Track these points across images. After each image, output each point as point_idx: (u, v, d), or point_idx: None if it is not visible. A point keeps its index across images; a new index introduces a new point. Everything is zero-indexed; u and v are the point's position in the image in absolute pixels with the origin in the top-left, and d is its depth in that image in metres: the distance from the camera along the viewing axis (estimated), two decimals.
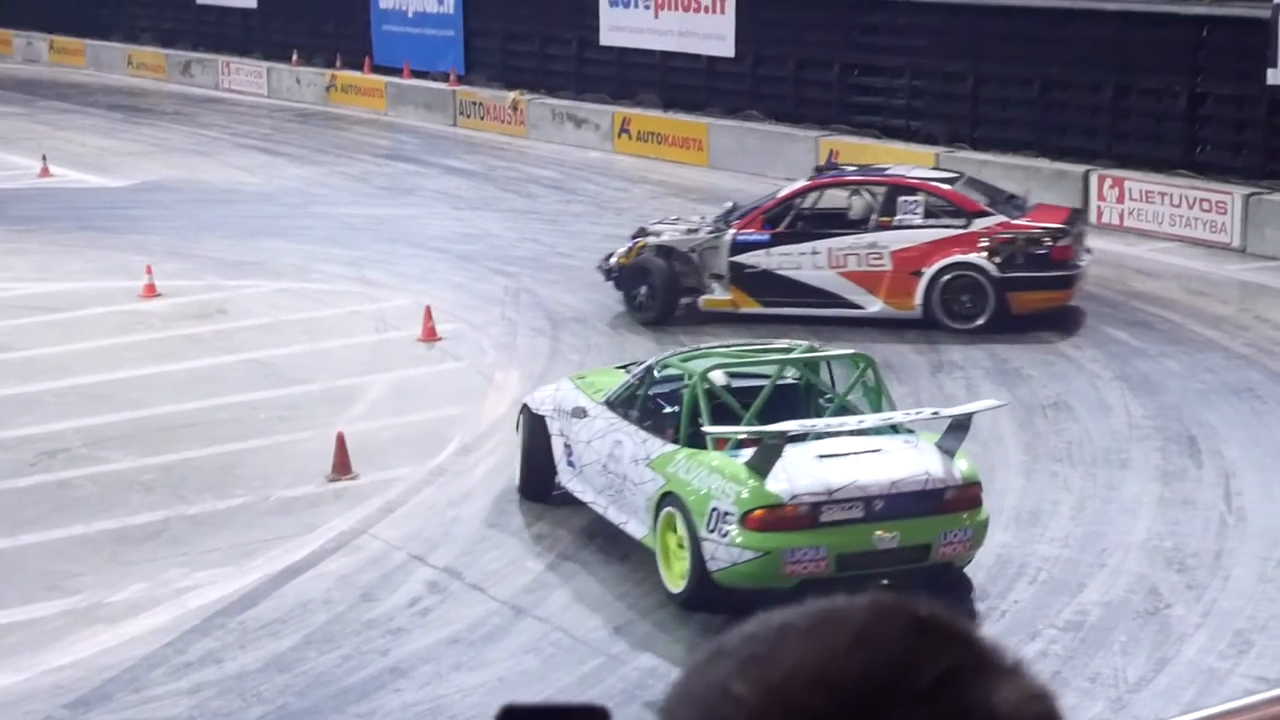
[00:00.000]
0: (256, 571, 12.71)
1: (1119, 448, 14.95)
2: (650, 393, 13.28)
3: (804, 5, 29.02)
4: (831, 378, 13.21)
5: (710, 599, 11.75)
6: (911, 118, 27.48)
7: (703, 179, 26.63)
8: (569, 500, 13.69)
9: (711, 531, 11.65)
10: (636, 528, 12.59)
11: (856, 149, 26.96)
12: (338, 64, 38.34)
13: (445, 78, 35.41)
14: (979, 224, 18.69)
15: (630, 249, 19.34)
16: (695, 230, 19.56)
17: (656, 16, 30.91)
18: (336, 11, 38.81)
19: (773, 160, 27.71)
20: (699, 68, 30.63)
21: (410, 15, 36.62)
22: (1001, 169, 25.06)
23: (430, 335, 18.76)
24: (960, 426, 12.28)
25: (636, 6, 31.29)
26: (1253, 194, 22.41)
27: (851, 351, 13.62)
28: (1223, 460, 14.62)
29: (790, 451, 11.76)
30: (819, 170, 21.34)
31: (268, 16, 40.89)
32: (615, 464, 12.85)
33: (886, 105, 27.98)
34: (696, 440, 12.27)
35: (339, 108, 36.79)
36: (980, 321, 18.45)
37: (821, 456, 11.89)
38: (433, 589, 12.36)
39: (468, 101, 34.15)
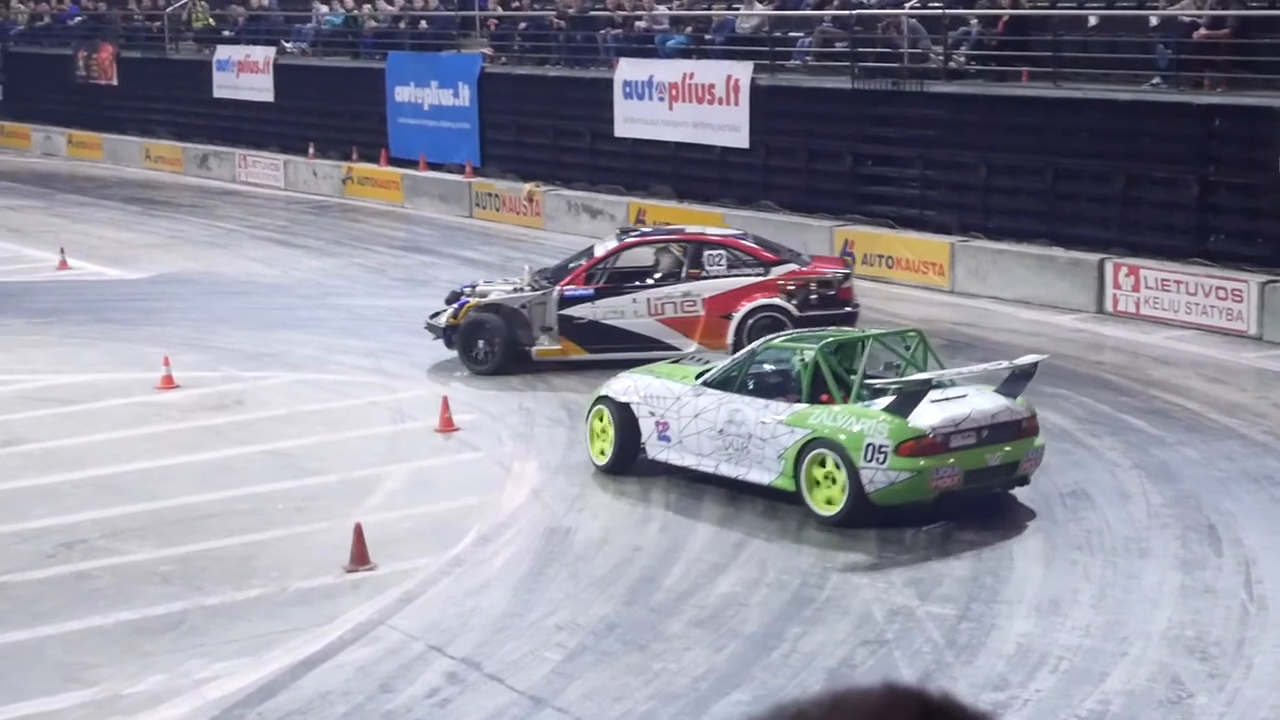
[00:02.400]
0: (275, 662, 12.68)
1: (1138, 536, 14.91)
2: (757, 370, 16.45)
3: (816, 97, 29.19)
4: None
5: (864, 516, 15.03)
6: (924, 208, 27.57)
7: None
8: (590, 587, 13.71)
9: (869, 462, 14.86)
10: (761, 475, 15.73)
11: (870, 239, 27.07)
12: (354, 156, 38.58)
13: (461, 170, 35.61)
14: (776, 272, 21.30)
15: (459, 310, 21.22)
16: (519, 289, 21.50)
17: (671, 108, 31.08)
18: (353, 105, 39.11)
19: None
20: (712, 159, 30.78)
21: (426, 108, 36.87)
22: (1015, 257, 25.15)
23: (448, 426, 18.77)
24: (1023, 376, 15.83)
25: (650, 98, 31.48)
26: (1269, 281, 22.43)
27: (906, 328, 17.49)
28: (1243, 548, 14.56)
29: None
30: (624, 232, 23.16)
31: (284, 110, 41.22)
32: (737, 427, 15.91)
33: (899, 195, 28.08)
34: (815, 401, 15.64)
35: (355, 200, 37.00)
36: None
37: (934, 401, 15.23)
38: (451, 680, 12.32)
39: (483, 193, 34.33)
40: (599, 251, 21.84)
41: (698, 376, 16.81)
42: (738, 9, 32.19)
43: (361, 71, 39.25)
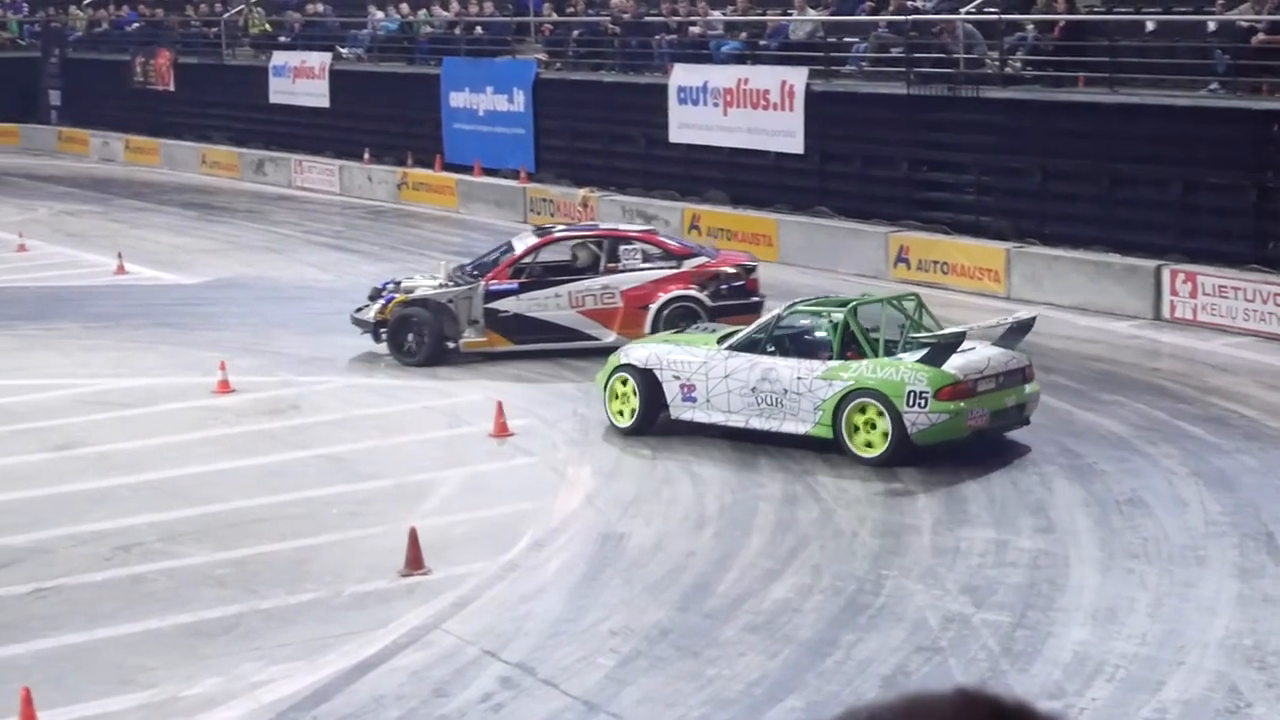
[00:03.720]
0: (329, 666, 12.71)
1: (1196, 544, 14.81)
2: (784, 334, 18.11)
3: (871, 103, 29.12)
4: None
5: (906, 456, 16.99)
6: (980, 213, 27.47)
7: (773, 275, 26.55)
8: (644, 593, 13.72)
9: (911, 406, 16.85)
10: (795, 426, 17.56)
11: (925, 244, 26.98)
12: (409, 162, 38.68)
13: (515, 175, 35.65)
14: (688, 264, 22.53)
15: (385, 305, 22.22)
16: (442, 285, 22.42)
17: (725, 114, 31.05)
18: (408, 110, 39.22)
19: (841, 256, 27.76)
20: (767, 164, 30.73)
21: (481, 114, 36.94)
22: (1071, 264, 25.03)
23: (502, 431, 18.80)
24: (1021, 329, 18.02)
25: (705, 104, 31.45)
26: None
27: (907, 291, 19.60)
28: None
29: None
30: (541, 230, 24.23)
31: (340, 116, 41.35)
32: (771, 385, 17.67)
33: (954, 201, 27.99)
34: (843, 358, 17.47)
35: (410, 205, 37.09)
36: None
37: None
38: (505, 684, 12.33)
39: (538, 198, 34.37)
40: (519, 248, 22.83)
41: (719, 342, 18.47)
42: (792, 14, 32.14)
43: (417, 77, 39.34)
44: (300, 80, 42.72)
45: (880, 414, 17.04)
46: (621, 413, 18.70)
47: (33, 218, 37.22)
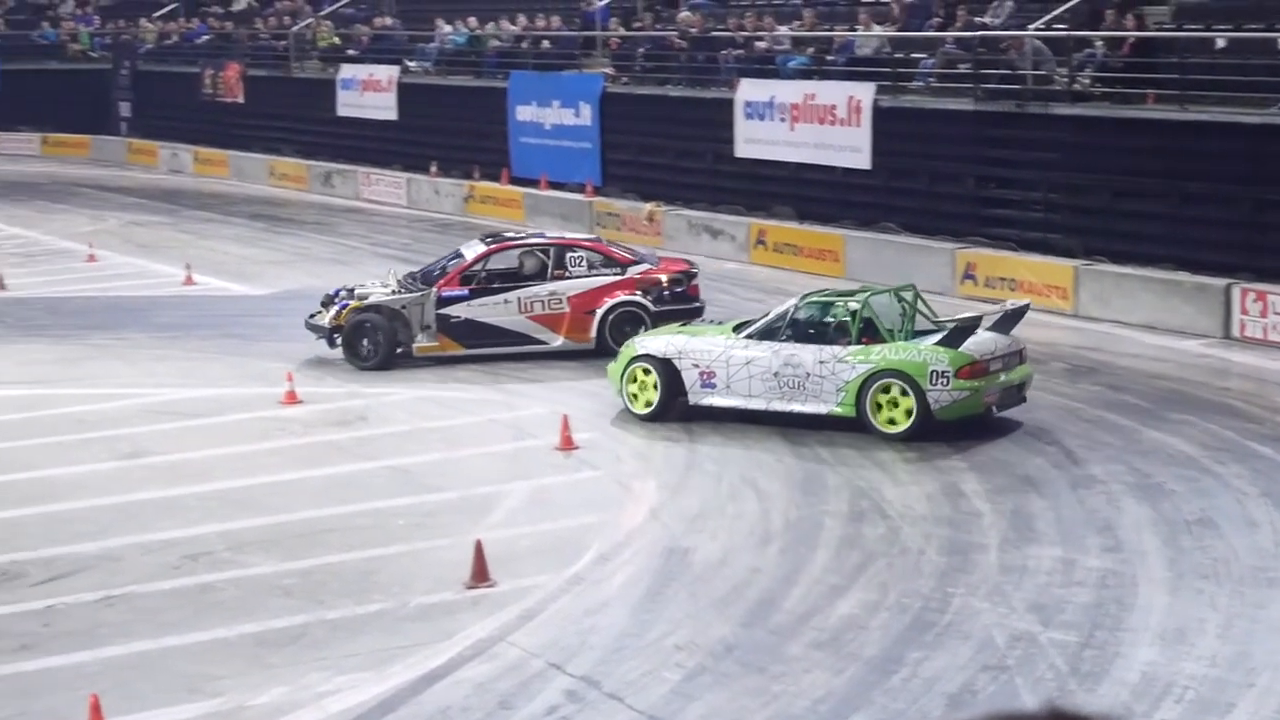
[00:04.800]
0: (395, 677, 12.76)
1: (1266, 565, 14.69)
2: (802, 322, 19.35)
3: (938, 118, 29.04)
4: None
5: (928, 431, 18.43)
6: (1047, 230, 27.33)
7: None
8: (709, 608, 13.71)
9: (934, 385, 18.36)
10: (817, 406, 18.91)
11: (992, 261, 26.88)
12: (476, 175, 38.79)
13: (581, 189, 35.71)
14: (632, 271, 23.42)
15: (340, 311, 23.00)
16: (396, 292, 23.34)
17: (792, 129, 31.03)
18: (475, 124, 39.31)
19: (908, 272, 27.52)
20: (833, 180, 30.67)
21: (548, 128, 37.01)
22: (1140, 281, 24.89)
23: (567, 444, 18.83)
24: (1015, 316, 19.53)
25: (772, 119, 31.44)
26: None
27: (903, 284, 20.34)
28: None
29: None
30: (490, 238, 24.72)
31: (407, 129, 41.50)
32: (793, 369, 18.96)
33: (1022, 218, 27.86)
34: (859, 344, 18.85)
35: (477, 218, 37.16)
36: None
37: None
38: (571, 698, 12.34)
39: (604, 213, 34.41)
40: (469, 255, 23.72)
41: (735, 330, 19.81)
42: (859, 30, 32.10)
43: (484, 91, 39.45)
44: (368, 93, 42.91)
45: (904, 393, 18.51)
46: (639, 399, 19.82)
47: (102, 228, 37.50)
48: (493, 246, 23.88)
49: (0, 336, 25.96)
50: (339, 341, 23.07)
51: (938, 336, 18.89)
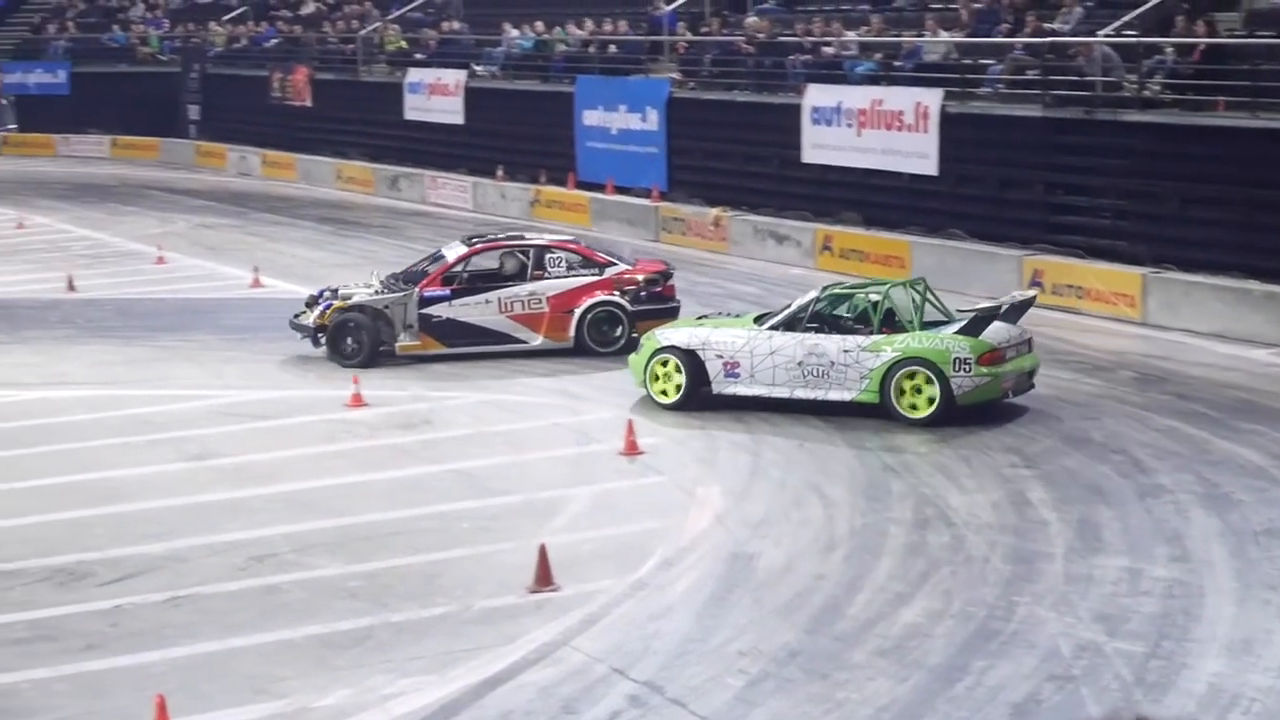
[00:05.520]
0: (459, 681, 12.78)
1: None
2: (823, 313, 20.33)
3: (1007, 125, 28.92)
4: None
5: (951, 416, 19.39)
6: (1116, 238, 27.17)
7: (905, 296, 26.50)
8: (773, 614, 13.69)
9: (957, 372, 19.34)
10: (840, 394, 19.87)
11: (1060, 268, 26.75)
12: (542, 179, 38.87)
13: (648, 194, 35.73)
14: (609, 272, 24.07)
15: (324, 311, 23.60)
16: (379, 292, 23.97)
17: (859, 135, 30.97)
18: (541, 128, 39.40)
19: (974, 279, 27.54)
20: (900, 186, 30.60)
21: (614, 132, 37.06)
22: (1209, 290, 24.72)
23: (632, 449, 18.83)
24: (1022, 307, 20.56)
25: (839, 125, 31.39)
26: None
27: (913, 277, 22.25)
28: None
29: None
30: (472, 240, 25.17)
31: (474, 133, 41.64)
32: (817, 358, 19.88)
33: (1090, 225, 27.72)
34: (881, 331, 19.91)
35: (543, 222, 37.21)
36: (620, 344, 23.42)
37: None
38: (634, 703, 12.33)
39: (669, 217, 34.42)
40: (450, 256, 24.35)
41: (755, 322, 20.77)
42: (926, 35, 32.00)
43: (550, 95, 39.53)
44: (435, 97, 43.08)
45: (928, 380, 19.45)
46: (665, 391, 20.65)
47: (171, 230, 37.79)
48: (474, 248, 24.48)
49: (70, 338, 26.18)
50: (323, 340, 23.70)
51: (957, 325, 19.85)
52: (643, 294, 24.03)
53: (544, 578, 14.62)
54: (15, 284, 31.35)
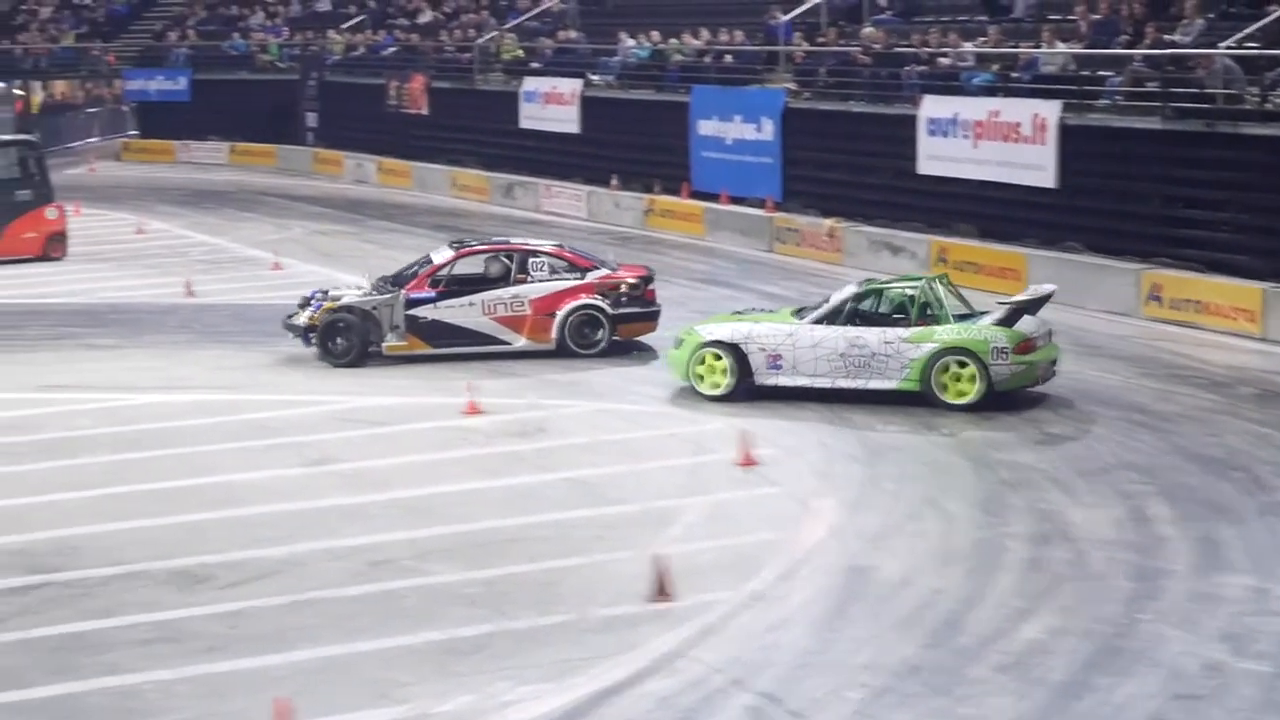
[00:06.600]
0: (578, 689, 12.80)
1: None
2: (863, 307, 21.51)
3: (1125, 137, 28.67)
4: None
5: (990, 400, 20.62)
6: (1236, 252, 26.86)
7: None
8: (892, 628, 13.63)
9: (996, 360, 20.62)
10: (882, 383, 21.04)
11: (1178, 282, 26.48)
12: (656, 189, 38.91)
13: (762, 204, 35.68)
14: (592, 276, 24.72)
15: (315, 312, 24.38)
16: (368, 294, 24.68)
17: (975, 146, 30.80)
18: (656, 137, 39.44)
19: (1091, 292, 27.35)
20: (1017, 198, 30.39)
21: (729, 142, 37.04)
22: None
23: (747, 460, 18.81)
24: (1042, 302, 21.52)
25: (955, 136, 31.23)
26: None
27: (938, 273, 23.79)
28: None
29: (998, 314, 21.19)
30: (458, 244, 25.86)
31: (589, 142, 41.74)
32: (859, 350, 21.03)
33: (1210, 239, 27.41)
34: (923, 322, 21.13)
35: (656, 231, 37.32)
36: (601, 347, 24.41)
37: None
38: (753, 714, 12.30)
39: (784, 228, 34.35)
40: (437, 260, 25.06)
41: (794, 315, 21.81)
42: (1044, 47, 31.77)
43: (665, 104, 39.57)
44: (550, 106, 43.23)
45: (962, 365, 20.71)
46: (711, 384, 21.61)
47: (288, 237, 38.13)
48: (459, 252, 25.17)
49: (189, 343, 26.47)
50: (314, 340, 24.36)
51: (993, 317, 21.06)
52: (623, 298, 24.68)
53: (661, 587, 14.62)
54: (135, 289, 31.73)
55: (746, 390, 21.50)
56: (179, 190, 48.30)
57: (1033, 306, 21.45)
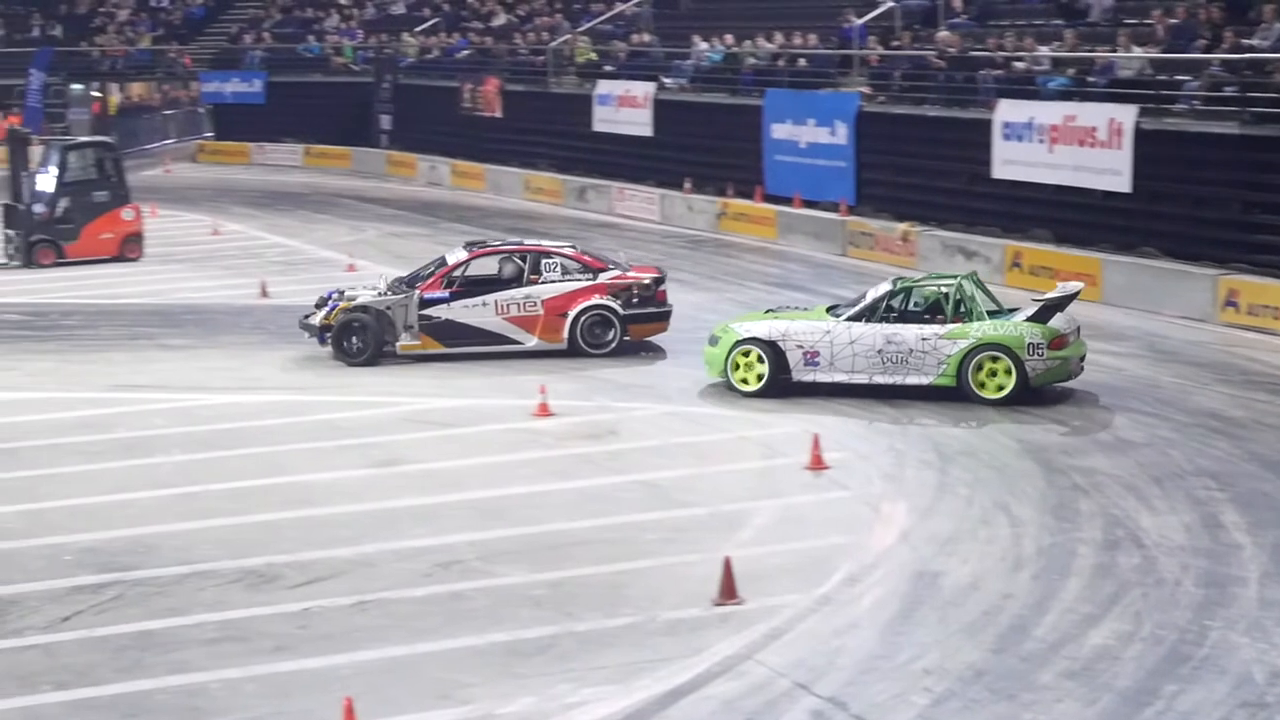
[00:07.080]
0: (643, 691, 12.79)
1: None
2: (899, 304, 21.93)
3: (1203, 142, 28.43)
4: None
5: (1024, 395, 21.12)
6: None
7: (1096, 314, 26.17)
8: (959, 633, 13.57)
9: (1031, 356, 21.16)
10: (918, 379, 21.52)
11: (1257, 289, 26.24)
12: (729, 192, 38.87)
13: (835, 208, 35.59)
14: (603, 277, 24.97)
15: (330, 312, 24.70)
16: (383, 294, 24.93)
17: (1051, 151, 30.62)
18: (729, 141, 39.40)
19: (1167, 298, 27.17)
20: (1092, 203, 30.19)
21: (803, 146, 36.95)
22: None
23: (818, 463, 18.77)
24: (1069, 299, 21.90)
25: (1031, 141, 31.05)
26: None
27: (968, 272, 23.53)
28: None
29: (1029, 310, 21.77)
30: (472, 245, 26.06)
31: (662, 145, 41.72)
32: (896, 346, 21.49)
33: None
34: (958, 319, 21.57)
35: (729, 235, 37.27)
36: (611, 347, 24.70)
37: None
38: (816, 718, 12.27)
39: (857, 232, 34.25)
40: (451, 260, 25.27)
41: (829, 313, 22.26)
42: (1120, 51, 31.55)
43: (739, 108, 39.52)
44: (624, 109, 43.24)
45: (995, 360, 21.20)
46: (746, 380, 22.08)
47: (361, 238, 38.29)
48: (473, 253, 25.40)
49: (262, 343, 26.62)
50: (329, 339, 24.67)
51: (1026, 313, 21.57)
52: (635, 299, 24.91)
53: (728, 590, 14.60)
54: (210, 289, 31.94)
55: (784, 386, 21.92)
56: (254, 192, 48.61)
57: (1063, 303, 21.79)
